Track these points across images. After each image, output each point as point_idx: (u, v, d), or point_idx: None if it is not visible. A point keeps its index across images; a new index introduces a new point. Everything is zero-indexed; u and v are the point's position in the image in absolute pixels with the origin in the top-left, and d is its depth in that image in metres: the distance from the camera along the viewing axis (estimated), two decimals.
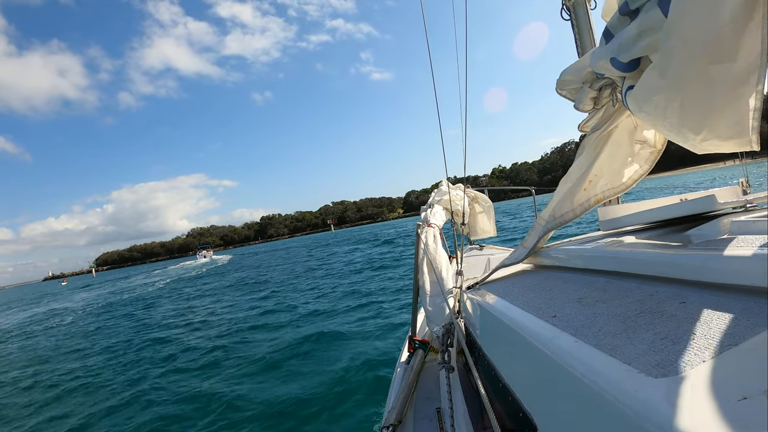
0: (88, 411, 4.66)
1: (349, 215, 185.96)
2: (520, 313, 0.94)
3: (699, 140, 0.81)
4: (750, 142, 0.75)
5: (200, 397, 4.46)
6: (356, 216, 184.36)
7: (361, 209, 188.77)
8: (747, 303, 0.62)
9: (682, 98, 0.76)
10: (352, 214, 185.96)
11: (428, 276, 1.84)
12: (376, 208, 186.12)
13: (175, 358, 6.30)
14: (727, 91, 0.69)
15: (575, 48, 2.34)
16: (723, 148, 0.82)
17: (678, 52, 0.70)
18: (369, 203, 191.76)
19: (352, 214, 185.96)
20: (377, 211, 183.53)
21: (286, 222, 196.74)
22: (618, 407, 0.47)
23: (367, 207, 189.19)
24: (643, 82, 0.86)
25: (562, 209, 1.41)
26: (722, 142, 0.79)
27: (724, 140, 0.78)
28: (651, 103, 0.85)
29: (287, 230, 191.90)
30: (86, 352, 7.96)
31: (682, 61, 0.70)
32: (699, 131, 0.79)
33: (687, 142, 0.86)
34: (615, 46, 0.94)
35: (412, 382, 1.79)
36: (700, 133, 0.79)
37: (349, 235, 62.01)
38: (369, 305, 7.68)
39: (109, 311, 14.67)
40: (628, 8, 0.87)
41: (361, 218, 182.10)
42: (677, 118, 0.80)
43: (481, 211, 2.98)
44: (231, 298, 12.53)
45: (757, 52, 0.61)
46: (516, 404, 0.81)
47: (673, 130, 0.85)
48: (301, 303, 9.30)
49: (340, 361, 4.78)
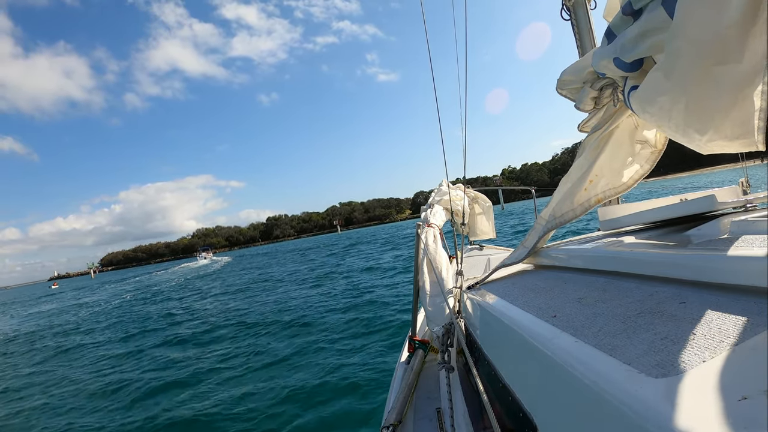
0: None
1: (356, 216, 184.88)
2: (520, 313, 0.94)
3: (705, 141, 0.81)
4: (756, 142, 0.75)
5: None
6: (363, 217, 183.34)
7: (369, 210, 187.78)
8: (747, 303, 0.62)
9: (687, 99, 0.76)
10: (359, 215, 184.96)
11: (428, 276, 1.84)
12: (384, 209, 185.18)
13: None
14: (733, 92, 0.69)
15: (576, 48, 2.34)
16: (729, 149, 0.82)
17: (683, 53, 0.70)
18: (377, 204, 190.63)
19: (359, 215, 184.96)
20: (385, 212, 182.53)
21: (292, 223, 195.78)
22: (618, 407, 0.47)
23: (374, 208, 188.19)
24: (647, 83, 0.86)
25: (562, 209, 1.41)
26: (728, 142, 0.79)
27: (730, 141, 0.78)
28: (656, 104, 0.85)
29: (293, 231, 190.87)
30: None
31: (687, 62, 0.70)
32: (705, 132, 0.79)
33: (692, 142, 0.86)
34: (618, 46, 0.94)
35: (412, 382, 1.79)
36: (705, 134, 0.79)
37: (361, 235, 60.98)
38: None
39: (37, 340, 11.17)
40: (632, 8, 0.86)
41: (368, 219, 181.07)
42: (683, 119, 0.80)
43: (480, 212, 2.98)
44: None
45: (762, 53, 0.62)
46: (516, 404, 0.81)
47: (679, 131, 0.85)
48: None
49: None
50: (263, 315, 8.90)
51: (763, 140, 0.75)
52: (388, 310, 7.31)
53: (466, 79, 1.77)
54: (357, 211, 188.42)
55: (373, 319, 6.79)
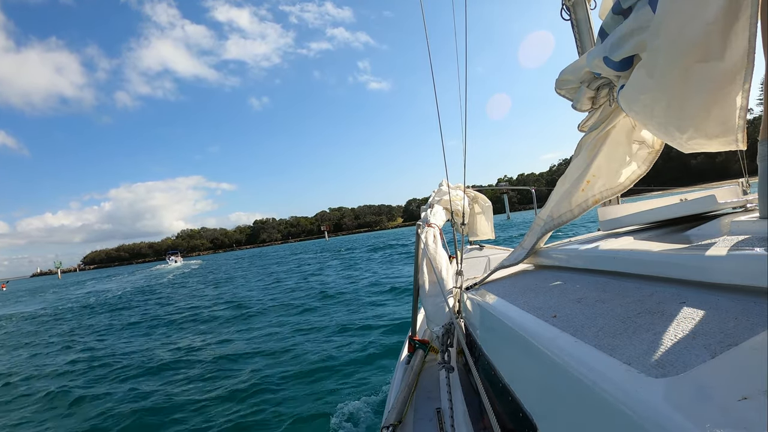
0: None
1: (346, 222, 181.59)
2: (520, 313, 0.94)
3: (685, 139, 0.81)
4: (736, 140, 0.75)
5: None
6: (353, 223, 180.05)
7: (359, 216, 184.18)
8: (747, 303, 0.62)
9: (668, 97, 0.76)
10: (349, 221, 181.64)
11: (428, 276, 1.85)
12: (375, 216, 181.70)
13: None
14: (714, 90, 0.69)
15: (576, 48, 2.35)
16: (709, 147, 0.82)
17: (665, 50, 0.70)
18: (368, 210, 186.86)
19: (349, 221, 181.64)
20: (376, 219, 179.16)
21: (279, 227, 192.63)
22: (618, 407, 0.47)
23: (365, 214, 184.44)
24: (632, 81, 0.86)
25: (560, 210, 1.41)
26: (708, 140, 0.79)
27: (710, 139, 0.78)
28: (639, 101, 0.86)
29: (280, 236, 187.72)
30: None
31: (668, 59, 0.70)
32: (685, 130, 0.79)
33: (674, 140, 0.86)
34: (608, 45, 0.95)
35: (412, 382, 1.79)
36: (686, 132, 0.79)
37: (343, 243, 58.88)
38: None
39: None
40: (621, 7, 0.87)
41: (358, 226, 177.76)
42: (664, 117, 0.80)
43: (480, 212, 2.99)
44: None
45: (743, 51, 0.62)
46: (516, 404, 0.81)
47: (661, 128, 0.85)
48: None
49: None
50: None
51: (744, 138, 0.75)
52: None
53: (466, 78, 1.77)
54: (347, 217, 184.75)
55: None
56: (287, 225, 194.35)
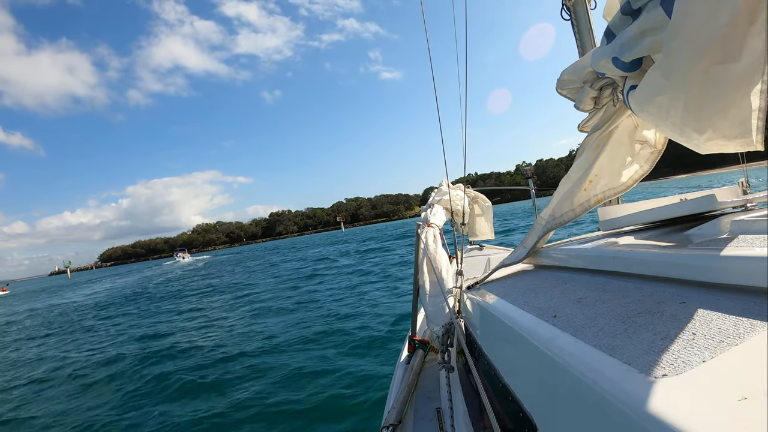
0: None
1: (362, 212, 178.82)
2: (520, 313, 0.94)
3: (703, 140, 0.81)
4: (753, 141, 0.75)
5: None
6: (370, 213, 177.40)
7: (376, 206, 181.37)
8: (747, 303, 0.62)
9: (685, 98, 0.76)
10: (366, 211, 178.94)
11: (428, 276, 1.84)
12: (392, 206, 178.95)
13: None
14: (731, 92, 0.69)
15: (576, 48, 2.34)
16: (727, 148, 0.82)
17: (681, 52, 0.70)
18: (384, 200, 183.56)
19: (366, 211, 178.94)
20: (393, 209, 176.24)
21: (296, 219, 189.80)
22: (618, 407, 0.47)
23: (382, 204, 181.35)
24: (645, 82, 0.86)
25: (562, 209, 1.41)
26: (726, 142, 0.79)
27: (728, 140, 0.78)
28: (654, 103, 0.85)
29: (296, 228, 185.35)
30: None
31: (685, 61, 0.70)
32: (703, 131, 0.79)
33: (691, 142, 0.86)
34: (617, 45, 0.94)
35: (412, 382, 1.79)
36: (704, 134, 0.79)
37: (358, 234, 56.22)
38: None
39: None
40: (631, 8, 0.86)
41: (375, 216, 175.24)
42: (680, 119, 0.80)
43: (480, 213, 2.99)
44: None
45: (761, 51, 0.62)
46: (516, 404, 0.81)
47: (677, 130, 0.85)
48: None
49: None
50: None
51: (761, 140, 0.75)
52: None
53: (466, 77, 1.77)
54: (363, 207, 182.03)
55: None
56: (303, 217, 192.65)
